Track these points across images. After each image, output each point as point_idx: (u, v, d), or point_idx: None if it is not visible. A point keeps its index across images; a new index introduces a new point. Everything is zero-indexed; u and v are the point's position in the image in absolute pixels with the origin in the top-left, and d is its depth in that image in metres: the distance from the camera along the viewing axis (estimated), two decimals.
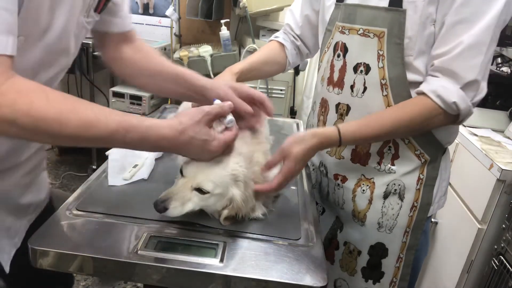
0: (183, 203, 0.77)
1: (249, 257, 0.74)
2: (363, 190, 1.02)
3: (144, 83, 1.00)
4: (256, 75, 1.21)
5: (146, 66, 0.97)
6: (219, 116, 0.79)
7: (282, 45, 1.21)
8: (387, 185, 1.00)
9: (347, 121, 0.98)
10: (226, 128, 0.81)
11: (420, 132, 0.94)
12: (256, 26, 2.62)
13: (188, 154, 0.77)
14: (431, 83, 0.87)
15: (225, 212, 0.81)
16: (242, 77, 1.13)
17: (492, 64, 2.14)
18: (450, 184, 1.69)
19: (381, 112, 0.92)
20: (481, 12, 0.82)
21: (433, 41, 0.88)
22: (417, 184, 0.99)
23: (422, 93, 0.88)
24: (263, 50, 1.22)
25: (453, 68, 0.85)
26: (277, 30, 2.63)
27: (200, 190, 0.78)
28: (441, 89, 0.85)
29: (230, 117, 0.80)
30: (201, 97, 0.93)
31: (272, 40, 1.24)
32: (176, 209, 0.76)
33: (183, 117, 0.73)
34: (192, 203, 0.78)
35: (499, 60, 2.12)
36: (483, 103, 1.85)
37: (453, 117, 0.88)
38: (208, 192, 0.78)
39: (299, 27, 1.20)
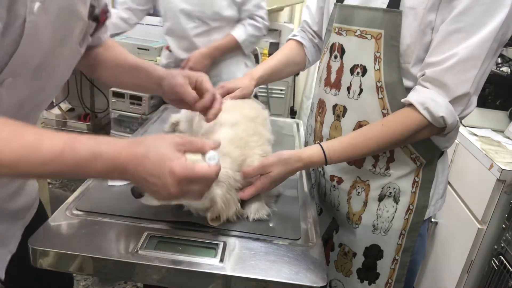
0: None
1: (249, 257, 0.74)
2: (358, 192, 1.02)
3: (106, 76, 0.97)
4: (276, 78, 1.21)
5: (113, 60, 0.96)
6: (195, 147, 0.66)
7: (300, 44, 1.20)
8: (382, 188, 0.99)
9: (335, 139, 0.94)
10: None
11: (406, 144, 0.93)
12: None
13: (144, 175, 0.61)
14: (420, 94, 0.85)
15: (209, 215, 0.80)
16: (262, 81, 1.14)
17: None
18: (450, 184, 1.70)
19: (367, 130, 0.91)
20: (480, 23, 0.79)
21: None
22: (413, 187, 0.98)
23: (409, 104, 0.86)
24: (282, 51, 1.21)
25: (444, 80, 0.82)
26: (277, 30, 2.64)
27: None
28: (430, 101, 0.83)
29: (213, 152, 0.68)
30: (157, 87, 0.92)
31: (290, 39, 1.23)
32: (151, 198, 0.75)
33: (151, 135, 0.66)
34: None
35: (499, 60, 2.11)
36: (483, 103, 1.85)
37: (438, 130, 0.87)
38: None
39: (316, 23, 1.18)
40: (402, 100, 0.88)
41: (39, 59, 0.65)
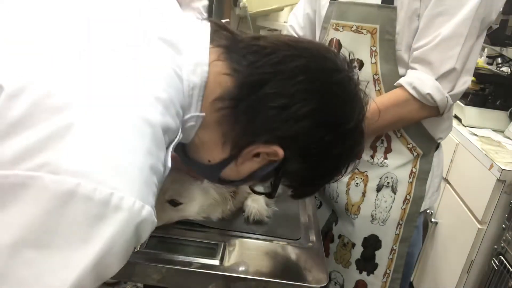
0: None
1: (249, 257, 0.74)
2: (357, 183, 1.04)
3: None
4: None
5: None
6: None
7: None
8: (380, 178, 1.02)
9: None
10: None
11: (403, 124, 0.96)
12: (256, 26, 2.62)
13: None
14: (409, 75, 0.90)
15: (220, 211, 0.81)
16: None
17: (492, 64, 2.14)
18: (450, 184, 1.70)
19: None
20: (459, 5, 0.84)
21: None
22: (410, 178, 1.02)
23: (400, 86, 0.91)
24: None
25: (430, 58, 0.87)
26: (277, 30, 2.64)
27: (172, 202, 0.77)
28: (417, 80, 0.87)
29: None
30: None
31: None
32: None
33: None
34: (167, 215, 0.78)
35: (499, 60, 2.11)
36: (483, 103, 1.85)
37: (432, 109, 0.90)
38: (180, 203, 0.77)
39: (301, 28, 1.21)
40: (395, 84, 0.92)
41: None
